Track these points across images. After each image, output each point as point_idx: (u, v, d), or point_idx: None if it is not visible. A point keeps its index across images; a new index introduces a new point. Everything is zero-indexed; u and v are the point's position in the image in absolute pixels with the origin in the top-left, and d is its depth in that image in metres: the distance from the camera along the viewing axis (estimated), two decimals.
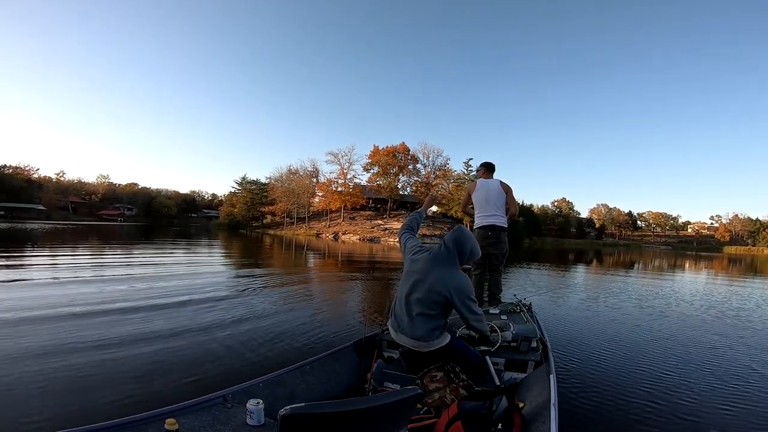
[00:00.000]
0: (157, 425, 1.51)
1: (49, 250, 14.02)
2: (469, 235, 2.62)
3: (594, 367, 3.74)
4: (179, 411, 1.63)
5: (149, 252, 15.05)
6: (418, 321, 2.42)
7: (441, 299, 2.39)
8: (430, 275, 2.45)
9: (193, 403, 1.71)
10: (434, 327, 2.42)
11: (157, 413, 1.56)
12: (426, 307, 2.41)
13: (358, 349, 2.87)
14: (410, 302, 2.47)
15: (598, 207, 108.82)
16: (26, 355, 3.32)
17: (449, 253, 2.51)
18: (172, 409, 1.62)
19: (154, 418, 1.54)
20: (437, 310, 2.42)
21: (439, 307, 2.42)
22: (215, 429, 1.59)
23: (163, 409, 1.60)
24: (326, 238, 47.68)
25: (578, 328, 5.31)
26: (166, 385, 2.90)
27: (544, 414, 1.85)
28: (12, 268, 9.06)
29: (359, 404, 1.19)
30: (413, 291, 2.47)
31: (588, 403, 2.93)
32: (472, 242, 2.58)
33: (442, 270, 2.45)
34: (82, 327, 4.21)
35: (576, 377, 3.44)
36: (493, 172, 4.89)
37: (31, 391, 2.69)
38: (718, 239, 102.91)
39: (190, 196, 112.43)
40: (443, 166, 60.86)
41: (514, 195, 4.77)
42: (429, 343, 2.41)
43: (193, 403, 1.71)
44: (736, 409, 2.93)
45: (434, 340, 2.42)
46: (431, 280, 2.43)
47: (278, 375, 2.19)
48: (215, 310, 5.35)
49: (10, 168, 76.04)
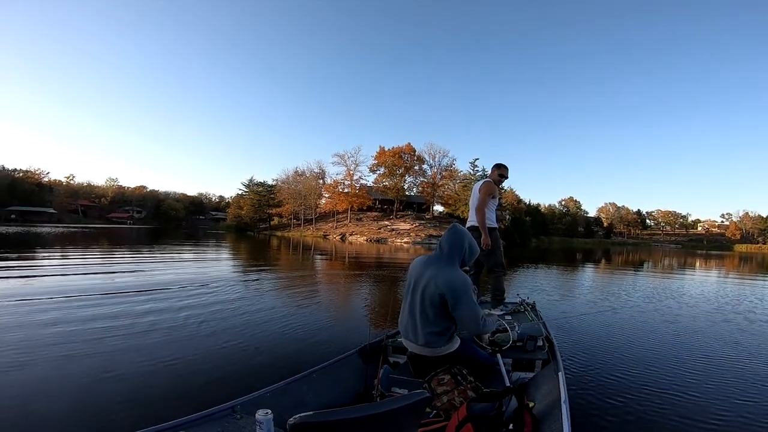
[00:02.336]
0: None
1: (84, 251, 14.26)
2: (463, 232, 2.54)
3: (603, 364, 3.73)
4: (189, 423, 1.64)
5: (165, 255, 15.24)
6: (421, 326, 2.38)
7: (436, 300, 2.32)
8: (423, 277, 2.40)
9: (203, 415, 1.72)
10: (437, 331, 2.36)
11: (168, 426, 1.56)
12: (424, 311, 2.37)
13: (363, 355, 2.86)
14: (410, 307, 2.45)
15: (606, 206, 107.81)
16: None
17: (443, 252, 2.45)
18: (182, 422, 1.63)
19: (165, 431, 1.54)
20: (435, 312, 2.34)
21: (436, 308, 2.34)
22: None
23: (173, 422, 1.60)
24: (333, 239, 47.77)
25: (585, 326, 5.29)
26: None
27: (555, 412, 1.84)
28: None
29: (368, 410, 1.19)
30: (411, 295, 2.46)
31: (599, 400, 2.93)
32: (469, 239, 2.51)
33: (435, 269, 2.38)
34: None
35: (585, 374, 3.43)
36: (497, 171, 4.66)
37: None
38: (729, 237, 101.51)
39: (197, 198, 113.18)
40: (449, 167, 60.76)
41: (484, 192, 4.41)
42: (435, 349, 2.38)
43: (203, 415, 1.72)
44: (752, 408, 2.90)
45: (442, 345, 2.38)
46: (424, 281, 2.38)
47: (285, 384, 2.19)
48: (228, 311, 5.43)
49: (21, 172, 77.03)
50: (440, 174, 60.63)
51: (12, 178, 73.48)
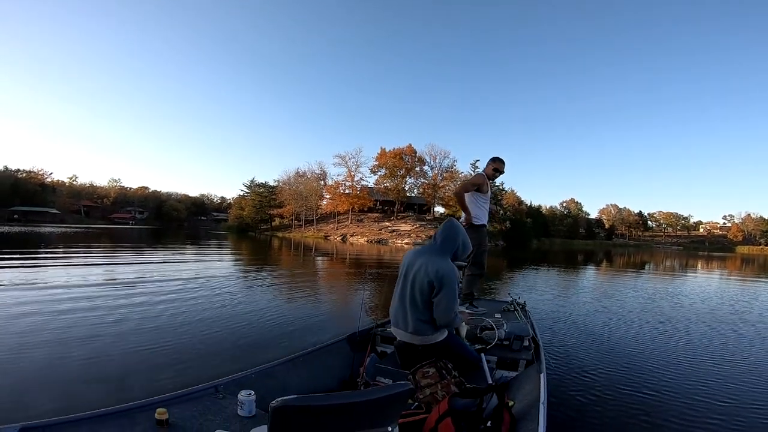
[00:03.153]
0: (147, 414, 1.52)
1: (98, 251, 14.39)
2: (458, 227, 2.60)
3: (586, 366, 3.78)
4: (170, 401, 1.65)
5: (168, 255, 15.34)
6: (410, 312, 2.46)
7: (425, 287, 2.39)
8: (415, 265, 2.49)
9: (184, 393, 1.72)
10: (425, 319, 2.44)
11: (148, 402, 1.58)
12: (414, 298, 2.45)
13: (351, 342, 2.89)
14: (401, 294, 2.54)
15: (608, 207, 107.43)
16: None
17: (435, 243, 2.55)
18: (162, 399, 1.64)
19: (144, 408, 1.55)
20: (423, 299, 2.42)
21: (425, 295, 2.41)
22: (206, 419, 1.59)
23: (154, 399, 1.62)
24: (334, 240, 47.80)
25: (573, 328, 5.36)
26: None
27: (533, 412, 1.87)
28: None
29: (350, 398, 1.20)
30: (402, 283, 2.55)
31: (578, 401, 2.98)
32: (463, 235, 2.58)
33: (427, 258, 2.46)
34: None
35: (568, 376, 3.49)
36: (492, 165, 4.48)
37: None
38: (731, 239, 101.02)
39: (199, 199, 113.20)
40: (450, 168, 60.74)
41: (470, 180, 4.38)
42: (423, 337, 2.45)
43: (184, 393, 1.72)
44: (727, 410, 2.94)
45: (429, 334, 2.46)
46: (414, 269, 2.47)
47: (271, 367, 2.20)
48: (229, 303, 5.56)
49: (24, 172, 77.34)
50: (441, 175, 60.57)
51: (15, 178, 73.75)
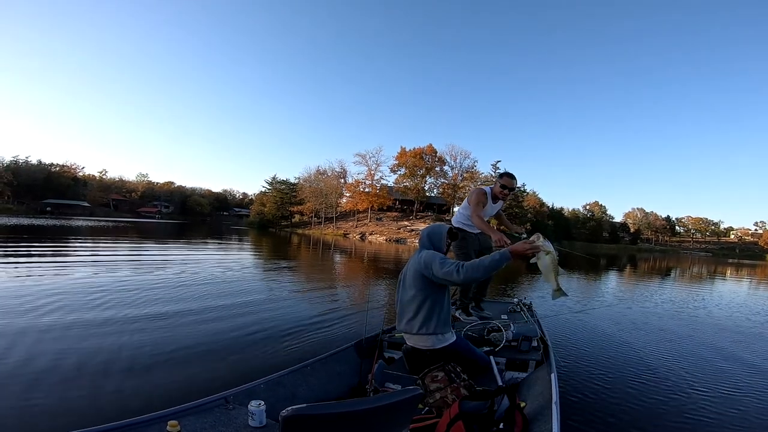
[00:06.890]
0: (159, 427, 1.51)
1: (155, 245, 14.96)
2: (441, 226, 2.79)
3: (597, 367, 3.78)
4: (181, 413, 1.65)
5: (192, 250, 15.83)
6: (412, 311, 2.53)
7: (419, 277, 2.51)
8: (408, 266, 2.67)
9: (195, 405, 1.73)
10: (425, 316, 2.48)
11: (159, 415, 1.58)
12: (412, 294, 2.54)
13: (358, 349, 2.92)
14: (401, 296, 2.65)
15: (633, 211, 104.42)
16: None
17: (422, 243, 2.71)
18: (173, 411, 1.64)
19: (156, 420, 1.55)
20: (418, 287, 2.51)
21: (418, 281, 2.51)
22: (217, 430, 1.59)
23: (165, 411, 1.61)
24: (353, 238, 48.10)
25: (583, 329, 5.32)
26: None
27: (546, 413, 1.87)
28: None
29: (361, 405, 1.20)
30: (402, 286, 2.68)
31: (590, 402, 2.99)
32: (440, 233, 2.72)
33: (416, 255, 2.63)
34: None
35: (579, 376, 3.48)
36: (499, 182, 4.27)
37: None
38: (762, 246, 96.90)
39: (222, 194, 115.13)
40: (471, 168, 60.33)
41: (473, 202, 4.36)
42: (431, 337, 2.49)
43: (195, 405, 1.73)
44: (736, 412, 2.94)
45: (436, 334, 2.49)
46: (409, 266, 2.65)
47: (279, 376, 2.21)
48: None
49: (57, 166, 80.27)
50: (461, 175, 60.26)
51: (48, 172, 76.51)
